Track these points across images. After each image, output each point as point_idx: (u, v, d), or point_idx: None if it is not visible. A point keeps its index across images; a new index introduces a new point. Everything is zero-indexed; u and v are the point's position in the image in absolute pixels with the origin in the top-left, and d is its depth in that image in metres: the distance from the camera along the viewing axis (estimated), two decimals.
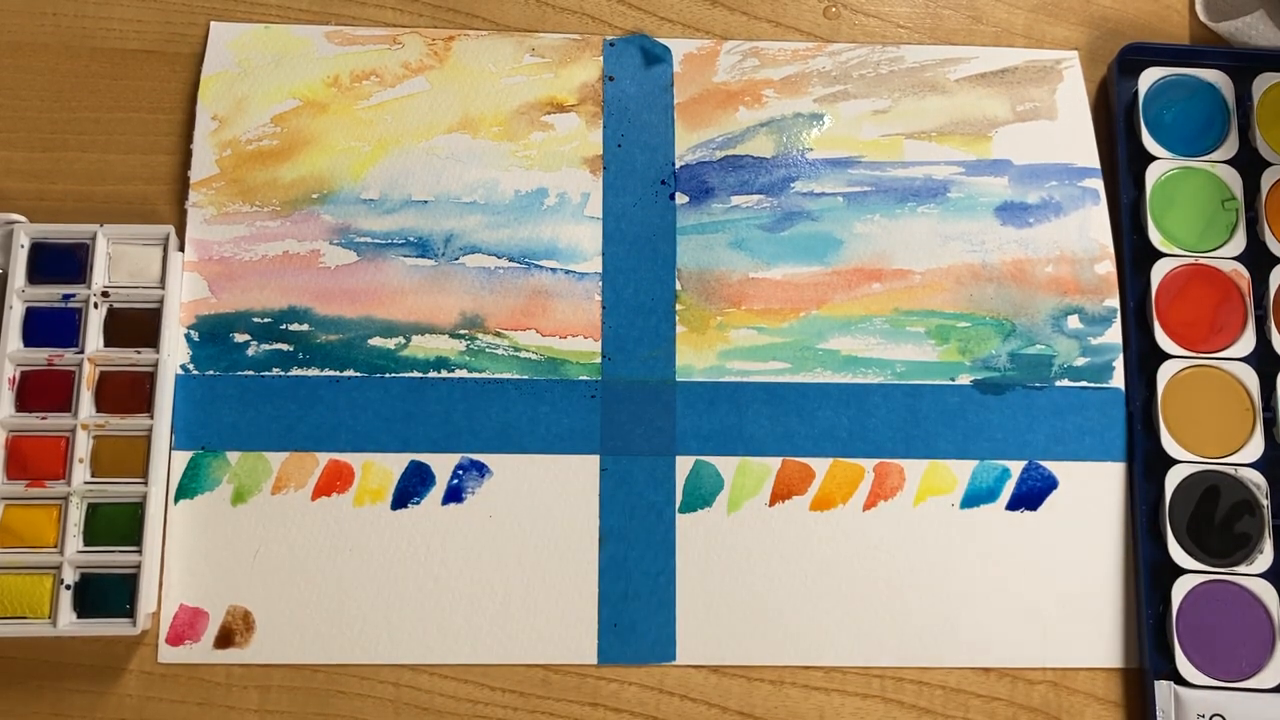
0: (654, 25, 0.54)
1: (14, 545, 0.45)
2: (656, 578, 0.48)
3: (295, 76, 0.52)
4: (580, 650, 0.47)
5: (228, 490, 0.48)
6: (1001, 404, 0.50)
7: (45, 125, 0.51)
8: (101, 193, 0.50)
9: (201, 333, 0.49)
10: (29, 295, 0.47)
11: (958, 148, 0.53)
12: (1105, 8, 0.55)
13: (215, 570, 0.47)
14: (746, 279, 0.51)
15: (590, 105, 0.52)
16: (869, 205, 0.52)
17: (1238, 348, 0.50)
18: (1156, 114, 0.52)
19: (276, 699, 0.46)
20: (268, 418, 0.48)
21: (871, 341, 0.50)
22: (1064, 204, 0.52)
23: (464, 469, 0.48)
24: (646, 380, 0.50)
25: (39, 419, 0.46)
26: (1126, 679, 0.48)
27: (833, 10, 0.55)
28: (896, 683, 0.48)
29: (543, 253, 0.51)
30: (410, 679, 0.47)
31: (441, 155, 0.51)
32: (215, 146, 0.51)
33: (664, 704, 0.47)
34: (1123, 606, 0.48)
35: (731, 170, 0.52)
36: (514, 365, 0.49)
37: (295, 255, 0.50)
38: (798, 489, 0.49)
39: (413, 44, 0.53)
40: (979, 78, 0.54)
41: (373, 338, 0.49)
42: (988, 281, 0.51)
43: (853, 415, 0.50)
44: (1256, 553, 0.48)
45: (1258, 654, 0.47)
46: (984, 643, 0.48)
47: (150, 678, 0.46)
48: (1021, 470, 0.49)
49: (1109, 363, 0.50)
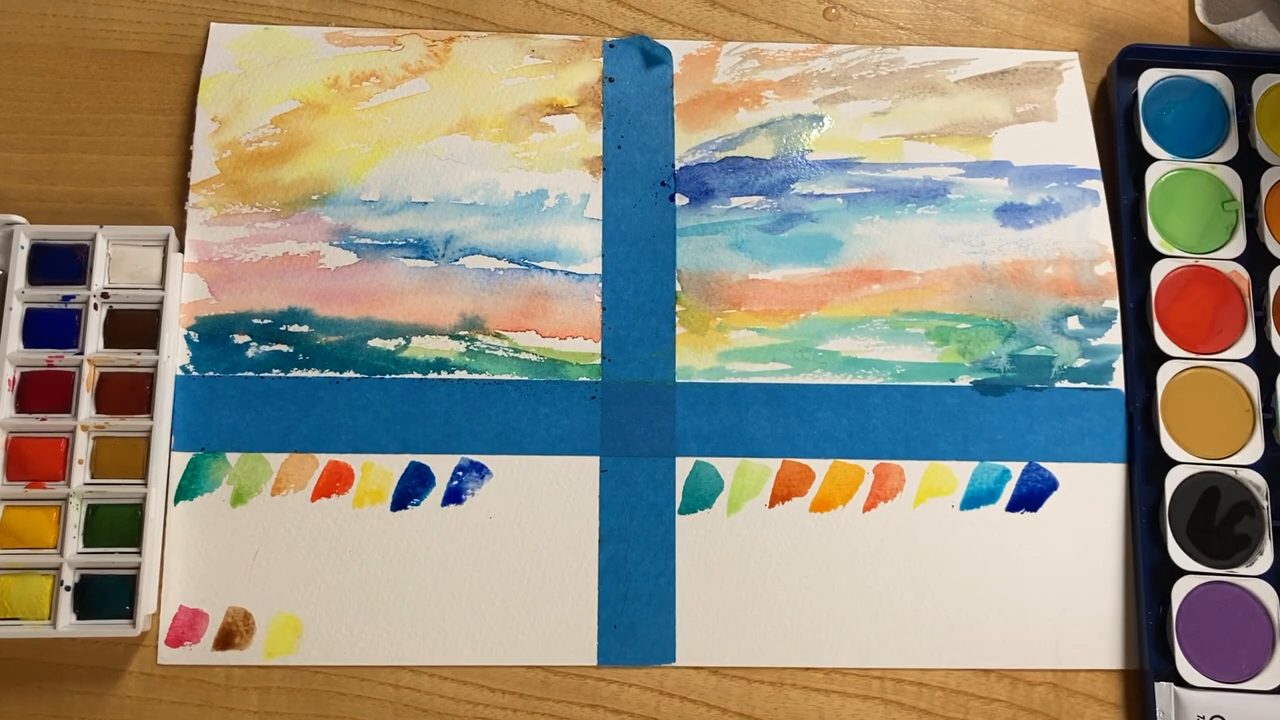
0: (654, 26, 0.54)
1: (14, 546, 0.45)
2: (656, 579, 0.48)
3: (295, 78, 0.52)
4: (580, 651, 0.47)
5: (227, 491, 0.48)
6: (1001, 405, 0.50)
7: (45, 126, 0.51)
8: (101, 194, 0.50)
9: (201, 334, 0.49)
10: (29, 296, 0.47)
11: (958, 149, 0.53)
12: (1105, 9, 0.55)
13: (215, 571, 0.47)
14: (746, 280, 0.51)
15: (590, 106, 0.52)
16: (869, 206, 0.52)
17: (1238, 349, 0.50)
18: (1156, 115, 0.52)
19: (276, 700, 0.46)
20: (267, 419, 0.48)
21: (871, 343, 0.50)
22: (1064, 205, 0.52)
23: (464, 470, 0.48)
24: (646, 381, 0.50)
25: (39, 420, 0.46)
26: (1126, 680, 0.48)
27: (833, 11, 0.55)
28: (896, 684, 0.48)
29: (543, 254, 0.51)
30: (410, 680, 0.47)
31: (441, 156, 0.51)
32: (215, 148, 0.51)
33: (664, 705, 0.47)
34: (1123, 608, 0.48)
35: (731, 171, 0.52)
36: (514, 366, 0.49)
37: (295, 256, 0.50)
38: (798, 490, 0.49)
39: (412, 45, 0.53)
40: (979, 79, 0.54)
41: (373, 339, 0.49)
42: (988, 283, 0.51)
43: (853, 416, 0.50)
44: (1256, 554, 0.48)
45: (1258, 655, 0.47)
46: (984, 644, 0.48)
47: (150, 679, 0.46)
48: (1021, 471, 0.49)
49: (1109, 364, 0.51)
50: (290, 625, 0.47)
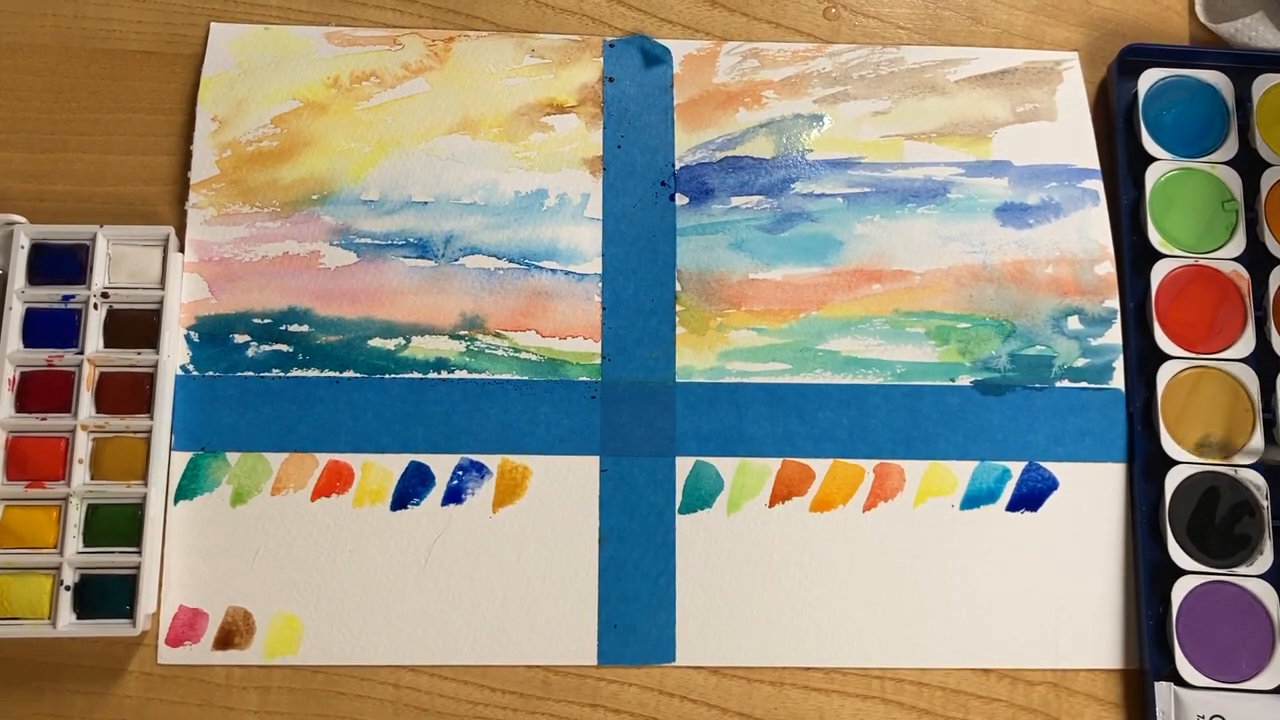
0: (654, 26, 0.54)
1: (14, 546, 0.45)
2: (656, 578, 0.48)
3: (295, 77, 0.52)
4: (580, 651, 0.47)
5: (227, 491, 0.48)
6: (1002, 405, 0.50)
7: (45, 125, 0.51)
8: (101, 193, 0.50)
9: (201, 333, 0.49)
10: (29, 296, 0.47)
11: (957, 149, 0.53)
12: (1105, 9, 0.55)
13: (215, 571, 0.47)
14: (746, 280, 0.51)
15: (590, 106, 0.52)
16: (869, 206, 0.52)
17: (1238, 348, 0.50)
18: (1156, 115, 0.52)
19: (276, 700, 0.46)
20: (267, 418, 0.48)
21: (871, 342, 0.50)
22: (1064, 205, 0.52)
23: (464, 470, 0.48)
24: (646, 381, 0.50)
25: (39, 420, 0.46)
26: (1126, 680, 0.48)
27: (833, 11, 0.55)
28: (896, 683, 0.48)
29: (543, 254, 0.51)
30: (410, 679, 0.47)
31: (441, 156, 0.51)
32: (215, 147, 0.51)
33: (664, 705, 0.47)
34: (1123, 607, 0.48)
35: (731, 171, 0.52)
36: (514, 366, 0.49)
37: (295, 256, 0.50)
38: (798, 490, 0.49)
39: (413, 45, 0.53)
40: (979, 79, 0.54)
41: (372, 339, 0.49)
42: (988, 282, 0.51)
43: (853, 416, 0.50)
44: (1256, 554, 0.48)
45: (1258, 655, 0.47)
46: (984, 643, 0.48)
47: (150, 679, 0.46)
48: (1022, 471, 0.49)
49: (1109, 363, 0.51)
50: (290, 625, 0.47)
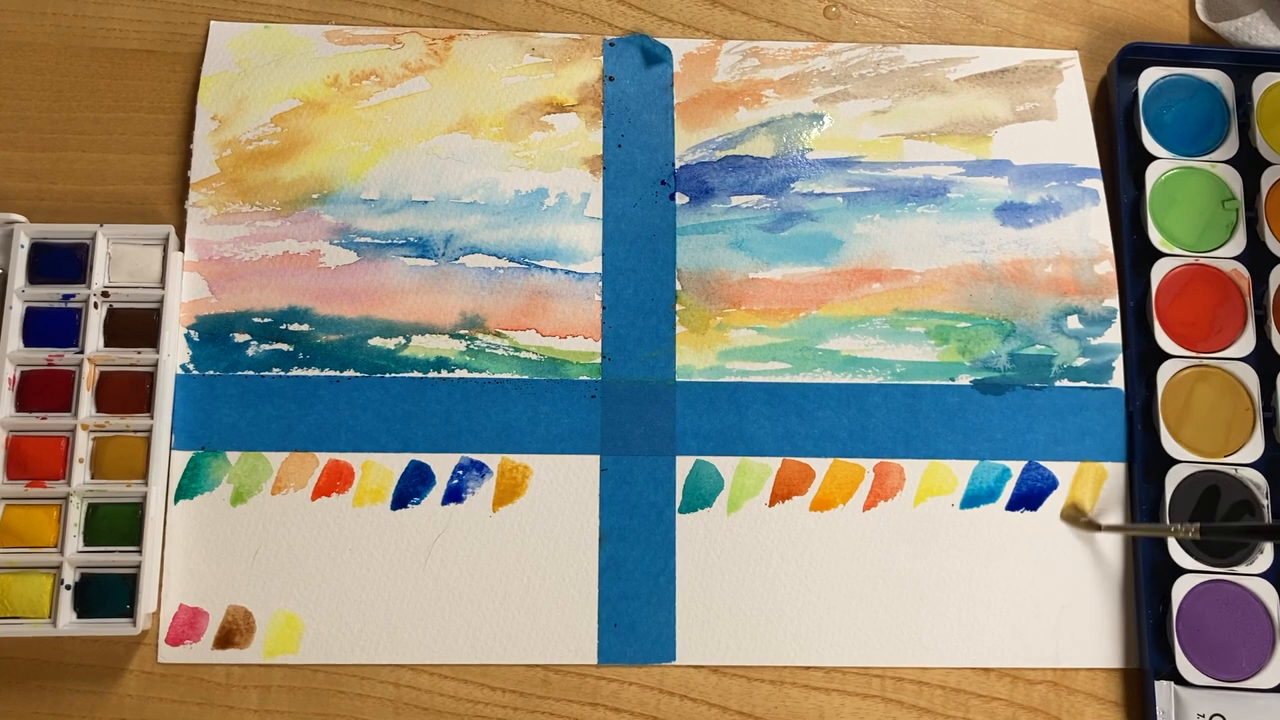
0: (654, 25, 0.54)
1: (14, 545, 0.45)
2: (656, 578, 0.48)
3: (295, 76, 0.52)
4: (580, 650, 0.47)
5: (228, 490, 0.48)
6: (1001, 404, 0.50)
7: (45, 125, 0.51)
8: (101, 193, 0.50)
9: (201, 333, 0.49)
10: (29, 295, 0.47)
11: (957, 148, 0.53)
12: (1105, 8, 0.55)
13: (215, 570, 0.47)
14: (746, 279, 0.51)
15: (590, 105, 0.52)
16: (869, 205, 0.52)
17: (1238, 348, 0.50)
18: (1156, 114, 0.52)
19: (276, 699, 0.46)
20: (268, 418, 0.48)
21: (871, 342, 0.50)
22: (1064, 204, 0.52)
23: (464, 469, 0.48)
24: (646, 380, 0.50)
25: (39, 419, 0.46)
26: (1126, 679, 0.48)
27: (833, 10, 0.55)
28: (896, 683, 0.48)
29: (543, 253, 0.51)
30: (410, 679, 0.47)
31: (441, 155, 0.51)
32: (215, 146, 0.51)
33: (664, 704, 0.47)
34: (1123, 606, 0.48)
35: (731, 170, 0.52)
36: (514, 365, 0.49)
37: (295, 255, 0.50)
38: (798, 489, 0.49)
39: (413, 44, 0.53)
40: (979, 78, 0.54)
41: (373, 338, 0.49)
42: (987, 282, 0.51)
43: (853, 415, 0.50)
44: (1256, 553, 0.48)
45: (1258, 654, 0.47)
46: (984, 643, 0.48)
47: (150, 678, 0.46)
48: (1021, 470, 0.49)
49: (1109, 363, 0.50)
50: (290, 624, 0.47)
